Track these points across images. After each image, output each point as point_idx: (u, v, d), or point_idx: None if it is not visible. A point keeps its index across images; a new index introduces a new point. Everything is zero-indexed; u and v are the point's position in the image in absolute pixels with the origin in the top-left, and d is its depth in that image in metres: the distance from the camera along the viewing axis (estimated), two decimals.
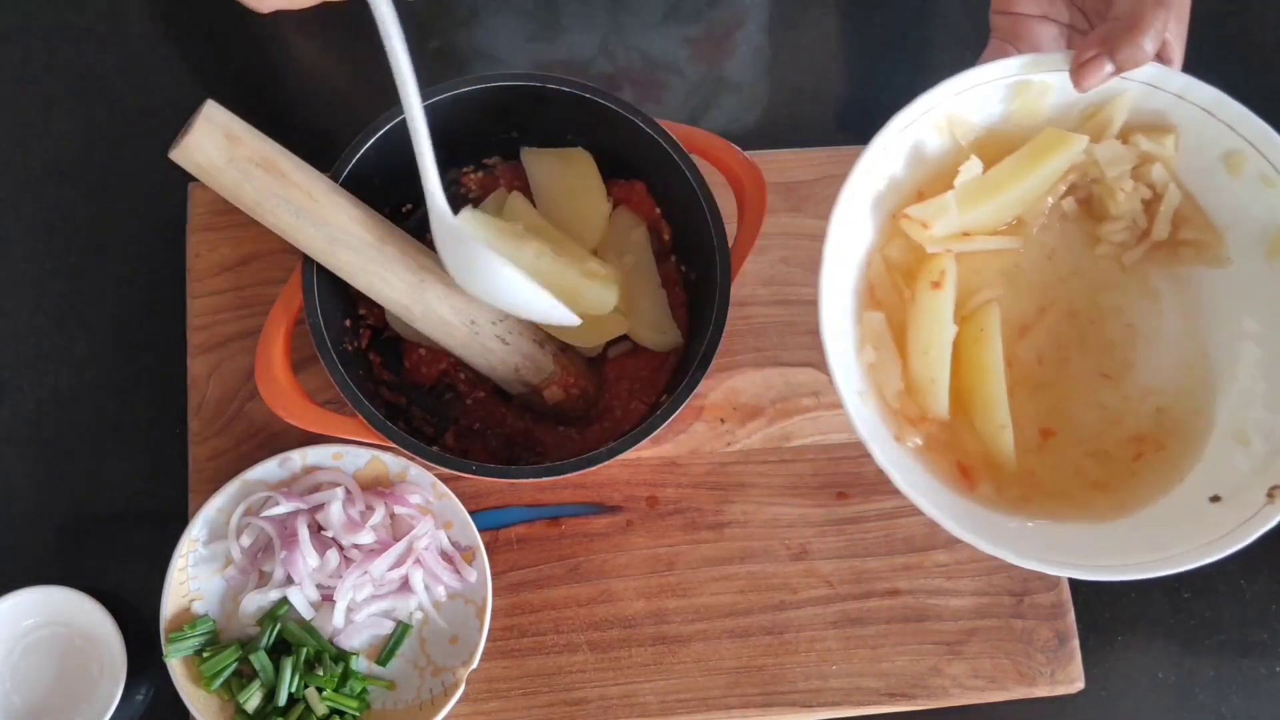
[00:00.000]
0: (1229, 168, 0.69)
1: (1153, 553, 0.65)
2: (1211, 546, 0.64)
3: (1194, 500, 0.68)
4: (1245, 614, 0.88)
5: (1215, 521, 0.65)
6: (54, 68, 0.94)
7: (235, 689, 0.76)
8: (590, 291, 0.78)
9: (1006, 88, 0.69)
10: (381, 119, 0.76)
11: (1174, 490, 0.69)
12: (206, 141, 0.64)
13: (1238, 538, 0.64)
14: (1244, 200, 0.70)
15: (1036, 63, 0.67)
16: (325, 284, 0.75)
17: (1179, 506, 0.68)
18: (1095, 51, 0.63)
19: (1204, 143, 0.69)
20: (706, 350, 0.74)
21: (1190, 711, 0.86)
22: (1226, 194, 0.70)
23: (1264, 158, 0.67)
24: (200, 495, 0.82)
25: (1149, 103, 0.68)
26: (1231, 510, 0.65)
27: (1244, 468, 0.68)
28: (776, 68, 0.98)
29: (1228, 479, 0.67)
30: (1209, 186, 0.71)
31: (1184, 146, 0.70)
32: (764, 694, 0.82)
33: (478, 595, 0.79)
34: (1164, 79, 0.66)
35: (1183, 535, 0.65)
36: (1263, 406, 0.69)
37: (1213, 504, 0.67)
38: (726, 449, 0.86)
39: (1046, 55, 0.67)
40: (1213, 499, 0.67)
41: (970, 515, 0.69)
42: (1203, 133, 0.68)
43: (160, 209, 0.90)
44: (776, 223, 0.89)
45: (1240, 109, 0.67)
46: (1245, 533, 0.64)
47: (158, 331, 0.88)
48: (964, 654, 0.83)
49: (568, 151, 0.83)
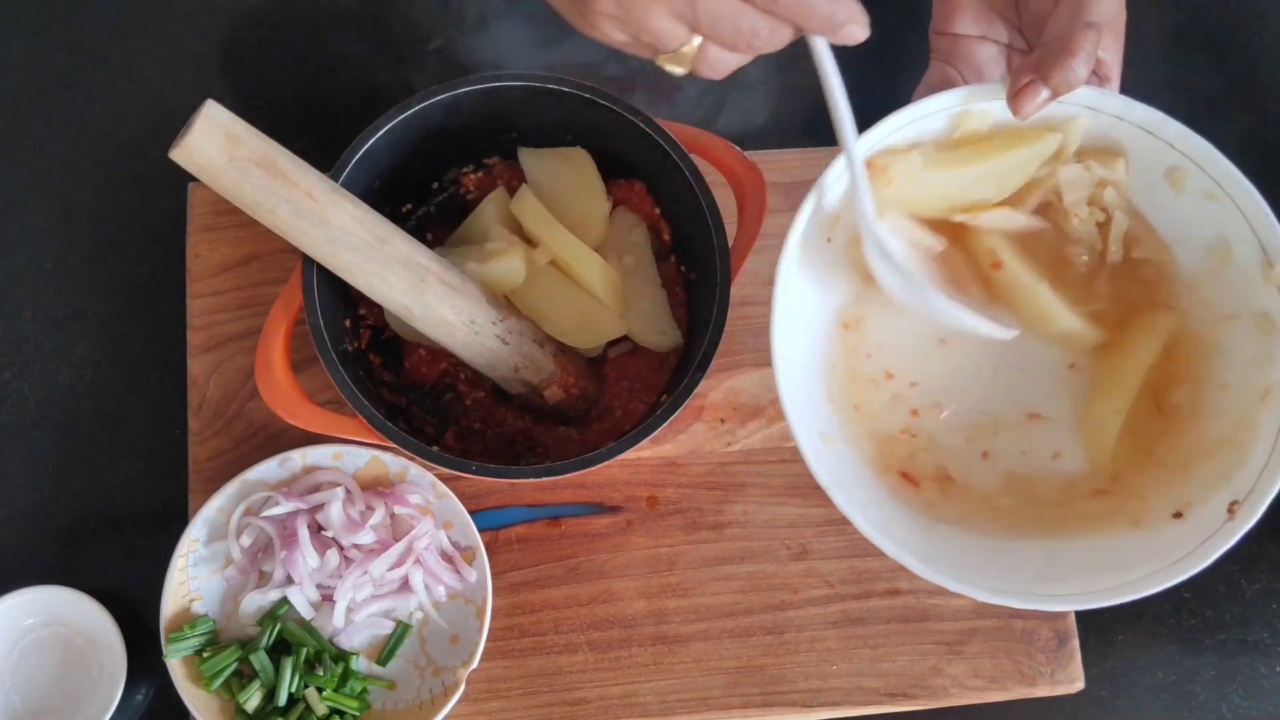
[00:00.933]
0: (1172, 184, 0.68)
1: (1115, 576, 0.64)
2: (1179, 566, 0.63)
3: (1160, 517, 0.67)
4: (1245, 614, 0.88)
5: (1179, 539, 0.64)
6: (54, 68, 0.94)
7: (235, 689, 0.76)
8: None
9: (948, 119, 0.68)
10: (381, 119, 0.76)
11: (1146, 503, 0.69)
12: (206, 141, 0.64)
13: (1201, 556, 0.62)
14: (1190, 215, 0.69)
15: (974, 94, 0.67)
16: (325, 284, 0.75)
17: (1147, 524, 0.67)
18: (1030, 78, 0.63)
19: (1147, 161, 0.68)
20: (706, 350, 0.74)
21: (1190, 711, 0.86)
22: (1173, 209, 0.70)
23: (1205, 174, 0.67)
24: (200, 495, 0.82)
25: (1091, 125, 0.68)
26: (1194, 528, 0.64)
27: (1205, 481, 0.66)
28: (777, 69, 0.98)
29: (1188, 493, 0.66)
30: (1156, 204, 0.70)
31: (1130, 168, 0.70)
32: (764, 694, 0.82)
33: (478, 595, 0.79)
34: (1102, 102, 0.66)
35: (1146, 555, 0.64)
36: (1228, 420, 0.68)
37: (1176, 520, 0.66)
38: (726, 449, 0.86)
39: (985, 85, 0.67)
40: (1175, 515, 0.66)
41: (928, 535, 0.69)
42: (1144, 151, 0.68)
43: (160, 209, 0.90)
44: (776, 223, 0.89)
45: (1179, 127, 0.66)
46: (1208, 551, 0.62)
47: (158, 331, 0.88)
48: (964, 654, 0.83)
49: (566, 151, 0.83)
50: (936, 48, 0.73)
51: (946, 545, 0.68)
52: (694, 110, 0.95)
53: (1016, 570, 0.67)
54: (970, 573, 0.65)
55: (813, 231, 0.68)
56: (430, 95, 0.76)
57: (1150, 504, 0.68)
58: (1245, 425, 0.67)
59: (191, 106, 0.64)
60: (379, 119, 0.76)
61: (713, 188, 0.77)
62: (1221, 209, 0.67)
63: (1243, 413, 0.67)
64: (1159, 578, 0.63)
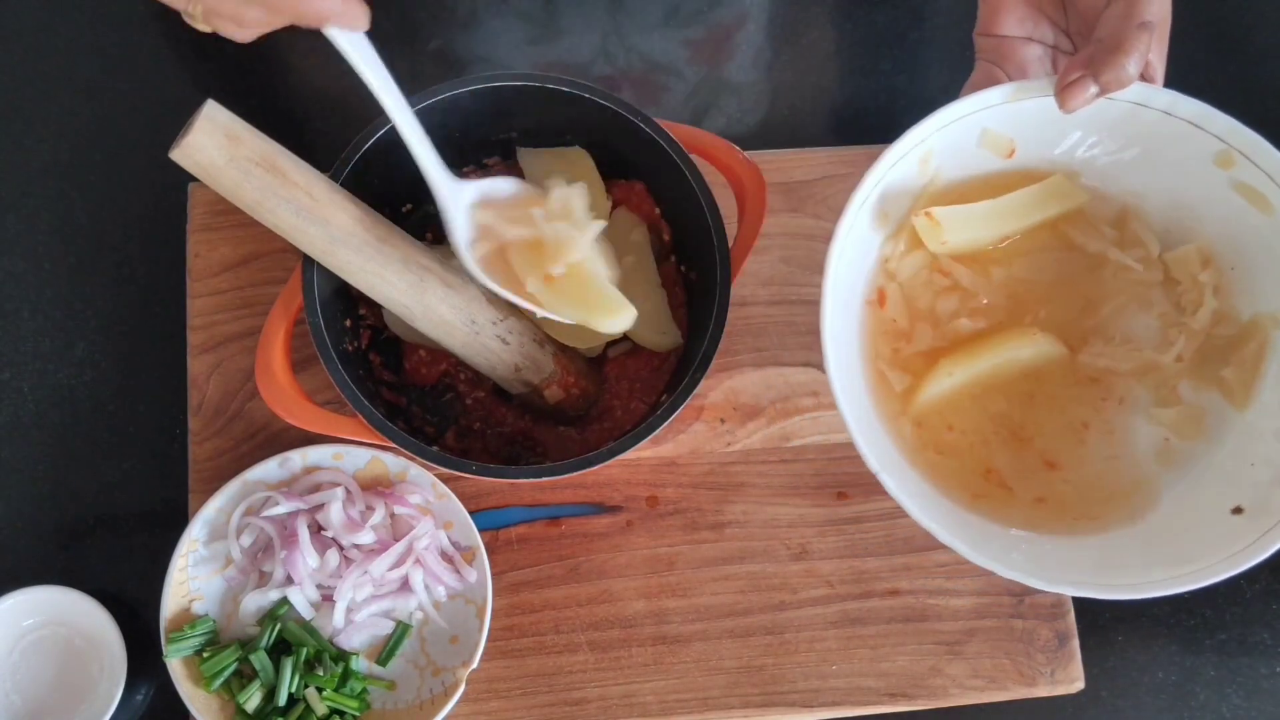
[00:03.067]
0: (1219, 163, 0.69)
1: (1176, 567, 0.65)
2: (1235, 559, 0.64)
3: (1216, 513, 0.67)
4: (1246, 614, 0.88)
5: (1238, 533, 0.65)
6: (54, 68, 0.94)
7: (235, 689, 0.76)
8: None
9: (978, 131, 0.70)
10: (382, 119, 0.76)
11: (1185, 500, 0.70)
12: (207, 141, 0.64)
13: (1260, 549, 0.64)
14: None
15: (1022, 89, 0.67)
16: (325, 284, 0.75)
17: (1200, 519, 0.68)
18: (1079, 74, 0.63)
19: (1196, 154, 0.69)
20: (706, 350, 0.74)
21: (1190, 711, 0.86)
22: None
23: (1255, 165, 0.67)
24: (200, 495, 0.82)
25: (1138, 119, 0.69)
26: (1254, 522, 0.65)
27: (1264, 478, 0.67)
28: (776, 69, 0.98)
29: (1249, 491, 0.67)
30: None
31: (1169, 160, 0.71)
32: (764, 694, 0.82)
33: (478, 595, 0.79)
34: (1150, 97, 0.67)
35: (1207, 548, 0.65)
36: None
37: (1235, 515, 0.66)
38: (726, 449, 0.86)
39: (1032, 81, 0.67)
40: (1235, 510, 0.67)
41: (969, 527, 0.69)
42: (1191, 143, 0.68)
43: (160, 209, 0.90)
44: (776, 223, 0.89)
45: (1228, 120, 0.67)
46: (1267, 544, 0.64)
47: (158, 331, 0.88)
48: (964, 654, 0.83)
49: (565, 151, 0.83)
50: (982, 48, 0.73)
51: (989, 536, 0.69)
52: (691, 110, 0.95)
53: (1071, 564, 0.68)
54: (1007, 551, 0.67)
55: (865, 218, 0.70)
56: (430, 95, 0.76)
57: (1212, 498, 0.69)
58: None
59: (191, 106, 0.64)
60: (379, 119, 0.76)
61: (713, 188, 0.77)
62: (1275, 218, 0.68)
63: None
64: (1218, 568, 0.64)
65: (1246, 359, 0.71)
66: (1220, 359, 0.72)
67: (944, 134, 0.69)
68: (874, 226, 0.72)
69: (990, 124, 0.70)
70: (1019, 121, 0.70)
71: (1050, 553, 0.69)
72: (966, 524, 0.70)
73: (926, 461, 0.72)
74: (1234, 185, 0.69)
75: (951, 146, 0.70)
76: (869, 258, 0.73)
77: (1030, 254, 0.75)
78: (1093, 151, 0.73)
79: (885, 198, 0.71)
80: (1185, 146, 0.69)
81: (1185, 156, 0.69)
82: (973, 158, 0.73)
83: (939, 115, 0.68)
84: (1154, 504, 0.71)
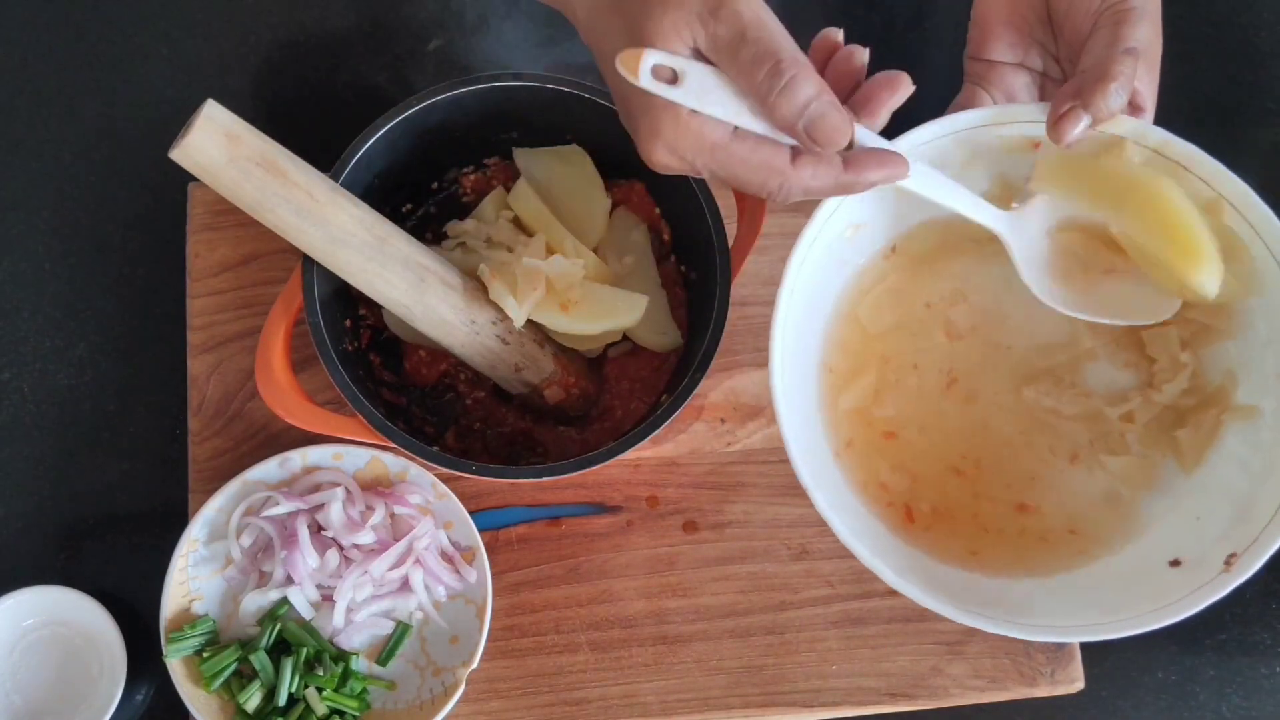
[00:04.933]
0: (1207, 212, 0.66)
1: (1108, 615, 0.64)
2: (1165, 611, 0.63)
3: (1151, 564, 0.67)
4: (1245, 614, 0.88)
5: (1170, 586, 0.64)
6: (54, 68, 0.94)
7: (235, 689, 0.76)
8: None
9: (969, 140, 0.68)
10: (381, 119, 0.76)
11: (1125, 549, 0.69)
12: (207, 141, 0.64)
13: (1189, 604, 0.63)
14: None
15: (1004, 113, 0.67)
16: (325, 284, 0.75)
17: (1137, 569, 0.68)
18: (1070, 104, 0.63)
19: (1188, 195, 0.67)
20: (706, 350, 0.74)
21: (1190, 711, 0.86)
22: None
23: (1238, 213, 0.66)
24: (200, 495, 0.82)
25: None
26: (1189, 576, 0.64)
27: (1209, 533, 0.66)
28: None
29: (1191, 544, 0.66)
30: None
31: None
32: (764, 694, 0.82)
33: (478, 595, 0.79)
34: (1143, 134, 0.66)
35: (1135, 598, 0.64)
36: (1236, 471, 0.68)
37: (1172, 569, 0.66)
38: (726, 449, 0.86)
39: (1014, 106, 0.67)
40: (1172, 563, 0.66)
41: (913, 562, 0.69)
42: (1185, 186, 0.67)
43: (160, 209, 0.90)
44: (776, 223, 0.89)
45: (1216, 165, 0.65)
46: (1196, 600, 0.63)
47: (158, 331, 0.88)
48: (964, 654, 0.83)
49: (563, 150, 0.83)
50: (970, 72, 0.73)
51: (922, 566, 0.69)
52: None
53: (997, 600, 0.68)
54: (944, 588, 0.66)
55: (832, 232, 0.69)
56: (430, 95, 0.76)
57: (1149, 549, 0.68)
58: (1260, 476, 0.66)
59: (191, 106, 0.64)
60: (379, 119, 0.76)
61: (713, 188, 0.77)
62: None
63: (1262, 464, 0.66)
64: (1146, 620, 0.63)
65: (1204, 424, 0.69)
66: (1176, 420, 0.71)
67: (924, 151, 0.67)
68: (850, 242, 0.71)
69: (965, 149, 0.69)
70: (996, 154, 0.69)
71: (975, 588, 0.68)
72: (910, 558, 0.70)
73: (867, 490, 0.72)
74: (1218, 234, 0.66)
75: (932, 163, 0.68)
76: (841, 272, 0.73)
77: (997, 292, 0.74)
78: None
79: (855, 222, 0.70)
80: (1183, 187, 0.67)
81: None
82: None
83: (921, 130, 0.66)
84: (1097, 552, 0.70)
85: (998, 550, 0.71)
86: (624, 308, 0.78)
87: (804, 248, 0.67)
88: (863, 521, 0.70)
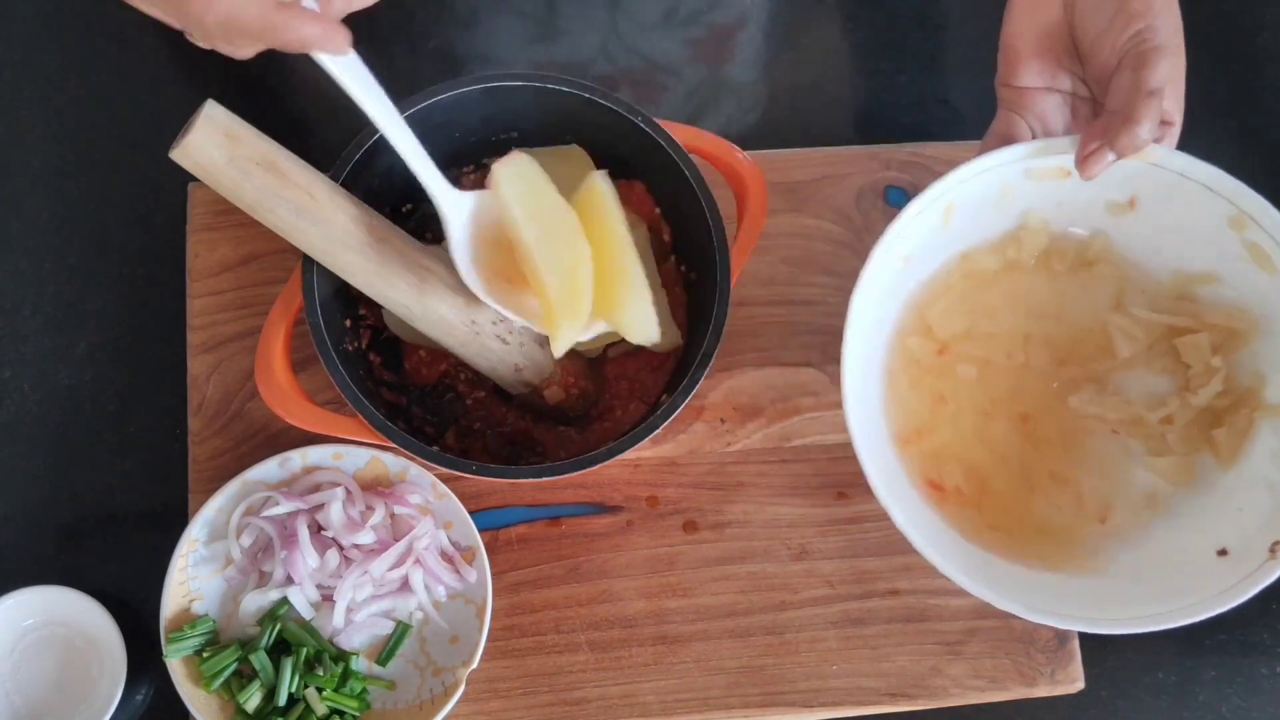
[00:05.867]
0: (1232, 226, 0.72)
1: (1165, 603, 0.68)
2: (1221, 598, 0.67)
3: (1201, 554, 0.71)
4: (1246, 614, 0.86)
5: (1221, 574, 0.68)
6: (54, 68, 0.94)
7: (235, 689, 0.76)
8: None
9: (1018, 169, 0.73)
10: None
11: (1178, 540, 0.73)
12: (207, 141, 0.64)
13: (1244, 589, 0.67)
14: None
15: (1045, 148, 0.71)
16: (325, 284, 0.75)
17: (1188, 559, 0.71)
18: (1097, 144, 0.67)
19: (1209, 214, 0.72)
20: (706, 350, 0.74)
21: (1190, 712, 0.86)
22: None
23: (1262, 229, 0.71)
24: (200, 495, 0.82)
25: (1156, 179, 0.72)
26: (1238, 564, 0.68)
27: (1250, 523, 0.70)
28: (776, 69, 0.98)
29: (1235, 534, 0.70)
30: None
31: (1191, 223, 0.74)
32: (764, 694, 0.82)
33: (478, 595, 0.79)
34: (1167, 159, 0.70)
35: (1191, 587, 0.68)
36: (1271, 464, 0.72)
37: (1220, 558, 0.70)
38: (726, 449, 0.86)
39: (1053, 140, 0.71)
40: (1220, 553, 0.70)
41: (970, 558, 0.73)
42: (1206, 205, 0.72)
43: (160, 209, 0.90)
44: (776, 223, 0.89)
45: (1236, 184, 0.71)
46: (1250, 585, 0.67)
47: (158, 331, 0.88)
48: (964, 654, 0.83)
49: (562, 149, 0.83)
50: (1003, 98, 0.75)
51: (987, 566, 0.73)
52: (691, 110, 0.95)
53: (1061, 597, 0.71)
54: (1005, 583, 0.70)
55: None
56: (430, 95, 0.76)
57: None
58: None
59: (191, 106, 0.64)
60: None
61: (713, 188, 0.77)
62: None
63: None
64: (1202, 607, 0.68)
65: (1239, 423, 0.74)
66: (1212, 420, 0.75)
67: (965, 188, 0.72)
68: (901, 272, 0.76)
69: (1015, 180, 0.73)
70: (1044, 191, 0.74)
71: (1040, 586, 0.72)
72: (967, 553, 0.73)
73: (930, 494, 0.76)
74: (1246, 246, 0.71)
75: (974, 200, 0.73)
76: (896, 300, 0.78)
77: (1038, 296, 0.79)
78: (1104, 214, 0.76)
79: (909, 251, 0.75)
80: (1200, 208, 0.72)
81: (1198, 217, 0.72)
82: (990, 214, 0.76)
83: (962, 170, 0.71)
84: (1143, 544, 0.74)
85: (1058, 548, 0.75)
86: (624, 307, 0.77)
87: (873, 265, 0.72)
88: (938, 532, 0.74)
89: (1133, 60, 0.67)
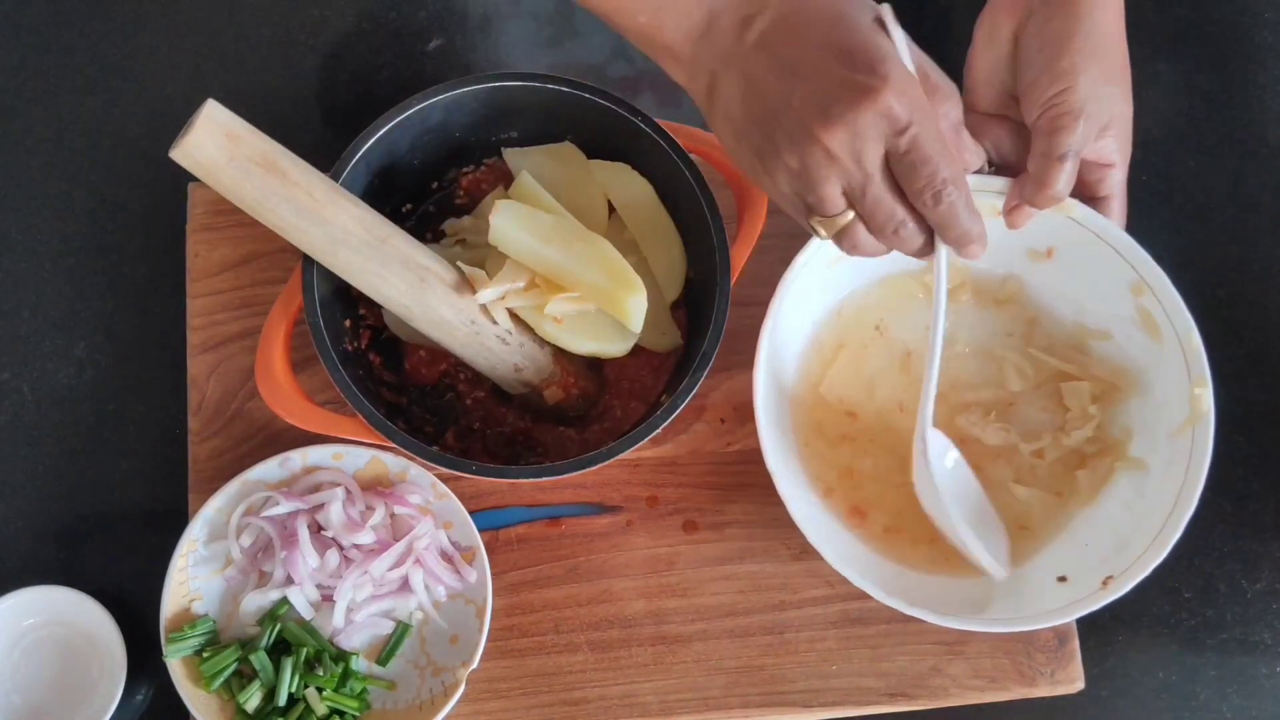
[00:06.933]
0: (1133, 291, 0.77)
1: (1011, 612, 0.75)
2: (1049, 615, 0.74)
3: (1047, 577, 0.77)
4: (1247, 614, 0.88)
5: (1057, 597, 0.75)
6: (53, 67, 0.94)
7: (235, 689, 0.76)
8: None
9: None
10: (381, 119, 0.76)
11: (1029, 562, 0.79)
12: (207, 141, 0.64)
13: (1068, 613, 0.74)
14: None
15: (980, 185, 0.73)
16: (325, 284, 0.75)
17: (1035, 579, 0.78)
18: (1017, 202, 0.73)
19: (1113, 275, 0.77)
20: (706, 350, 0.74)
21: (1191, 711, 0.86)
22: None
23: (1158, 299, 0.75)
24: (200, 495, 0.82)
25: (1073, 235, 0.76)
26: (1071, 590, 0.75)
27: (1091, 559, 0.77)
28: None
29: (1075, 565, 0.77)
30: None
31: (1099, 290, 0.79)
32: (764, 694, 0.82)
33: (478, 595, 0.79)
34: (1087, 219, 0.75)
35: (1032, 604, 0.75)
36: (1122, 510, 0.78)
37: (1059, 583, 0.76)
38: (726, 449, 0.86)
39: (988, 178, 0.74)
40: (1059, 579, 0.77)
41: (861, 558, 0.79)
42: (1113, 268, 0.76)
43: (160, 209, 0.90)
44: (776, 223, 0.89)
45: (1144, 254, 0.75)
46: (1074, 610, 0.73)
47: (158, 331, 0.88)
48: (964, 654, 0.83)
49: (554, 148, 0.83)
50: (967, 122, 0.76)
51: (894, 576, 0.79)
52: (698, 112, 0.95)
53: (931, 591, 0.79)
54: (891, 582, 0.77)
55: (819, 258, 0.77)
56: (430, 95, 0.76)
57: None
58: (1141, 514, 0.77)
59: (191, 106, 0.64)
60: (379, 119, 0.76)
61: (713, 188, 0.77)
62: (1164, 347, 0.76)
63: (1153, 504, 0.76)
64: (1035, 620, 0.74)
65: (1100, 468, 0.80)
66: (1078, 462, 0.81)
67: None
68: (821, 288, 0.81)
69: None
70: None
71: (923, 586, 0.79)
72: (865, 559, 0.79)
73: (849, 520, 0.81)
74: (1140, 312, 0.77)
75: None
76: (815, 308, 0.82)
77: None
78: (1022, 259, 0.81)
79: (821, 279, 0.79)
80: (1108, 269, 0.76)
81: (1105, 277, 0.77)
82: None
83: None
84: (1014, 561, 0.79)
85: (947, 558, 0.80)
86: (612, 335, 0.78)
87: (794, 273, 0.76)
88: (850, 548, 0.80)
89: (1046, 125, 0.69)
